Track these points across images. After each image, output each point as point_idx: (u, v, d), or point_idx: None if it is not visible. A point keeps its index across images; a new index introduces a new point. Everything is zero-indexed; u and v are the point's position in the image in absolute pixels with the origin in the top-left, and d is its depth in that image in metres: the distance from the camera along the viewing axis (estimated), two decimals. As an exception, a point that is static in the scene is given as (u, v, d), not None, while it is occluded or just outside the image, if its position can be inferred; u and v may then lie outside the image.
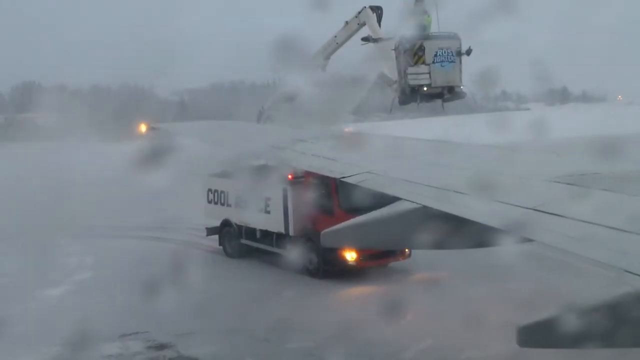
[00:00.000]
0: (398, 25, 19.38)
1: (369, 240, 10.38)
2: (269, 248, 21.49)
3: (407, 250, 19.13)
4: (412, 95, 19.92)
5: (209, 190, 23.22)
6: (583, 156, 9.12)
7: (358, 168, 10.23)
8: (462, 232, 8.31)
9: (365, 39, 20.37)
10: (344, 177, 10.50)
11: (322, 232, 10.54)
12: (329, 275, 19.35)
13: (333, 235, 10.45)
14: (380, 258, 19.62)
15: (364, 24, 20.07)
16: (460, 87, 19.99)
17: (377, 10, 20.02)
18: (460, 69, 19.76)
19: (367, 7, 19.92)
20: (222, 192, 22.92)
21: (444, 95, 20.04)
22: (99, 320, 14.30)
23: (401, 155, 10.51)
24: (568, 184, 7.98)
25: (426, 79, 19.34)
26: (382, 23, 20.14)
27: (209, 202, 23.23)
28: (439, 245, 9.28)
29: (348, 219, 10.48)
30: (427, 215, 8.43)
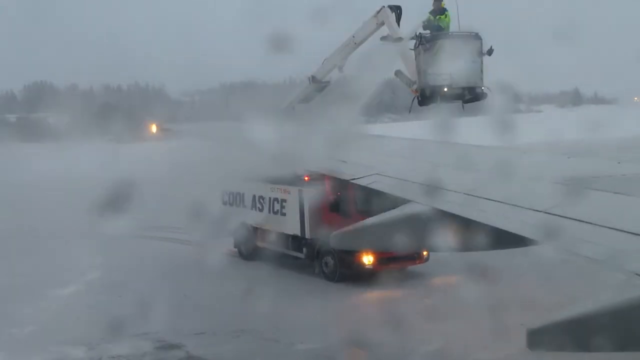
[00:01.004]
0: (417, 24, 19.26)
1: (379, 242, 10.43)
2: (284, 250, 21.61)
3: (425, 253, 19.15)
4: (432, 96, 19.81)
5: (224, 192, 23.42)
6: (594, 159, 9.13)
7: (368, 169, 10.33)
8: (472, 234, 8.37)
9: (385, 39, 20.33)
10: (354, 179, 10.62)
11: (332, 233, 10.62)
12: (345, 278, 19.41)
13: (342, 237, 10.53)
14: (397, 261, 19.63)
15: (382, 24, 20.00)
16: (481, 87, 19.86)
17: (396, 10, 19.92)
18: (481, 69, 19.62)
19: (385, 6, 19.86)
20: (237, 194, 23.10)
21: (465, 96, 19.90)
22: (109, 320, 14.53)
23: (410, 156, 10.57)
24: (579, 186, 8.01)
25: (446, 80, 19.23)
26: (401, 22, 20.09)
27: (224, 203, 23.41)
28: (449, 247, 9.34)
29: None
30: (435, 217, 8.49)
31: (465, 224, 8.15)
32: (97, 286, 17.42)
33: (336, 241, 10.74)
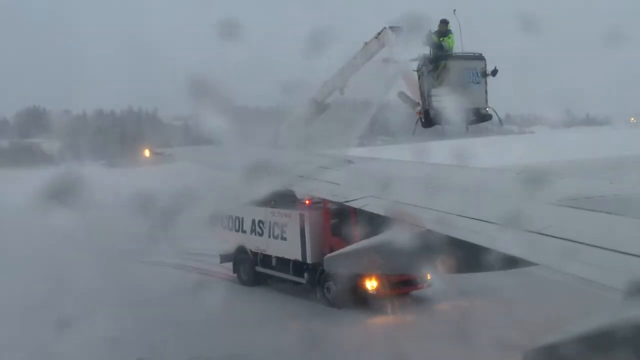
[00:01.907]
0: (420, 46, 19.40)
1: (372, 265, 10.54)
2: (285, 276, 21.63)
3: (429, 277, 19.15)
4: (435, 118, 19.88)
5: (223, 216, 23.48)
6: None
7: (361, 192, 10.46)
8: (465, 256, 8.48)
9: (387, 60, 20.45)
10: (347, 201, 10.74)
11: (325, 256, 10.77)
12: (347, 304, 19.40)
13: (336, 260, 10.67)
14: (400, 286, 19.65)
15: (383, 45, 20.16)
16: (486, 109, 19.93)
17: (398, 31, 20.09)
18: (485, 90, 19.70)
19: (387, 27, 20.01)
20: (236, 218, 23.20)
21: (469, 117, 19.97)
22: (102, 344, 14.61)
23: (404, 179, 10.69)
24: (574, 207, 8.11)
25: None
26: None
27: (223, 228, 23.45)
28: (441, 269, 9.45)
29: None
30: (428, 239, 8.60)
31: (457, 246, 8.26)
32: (91, 310, 17.51)
33: (330, 264, 10.88)
